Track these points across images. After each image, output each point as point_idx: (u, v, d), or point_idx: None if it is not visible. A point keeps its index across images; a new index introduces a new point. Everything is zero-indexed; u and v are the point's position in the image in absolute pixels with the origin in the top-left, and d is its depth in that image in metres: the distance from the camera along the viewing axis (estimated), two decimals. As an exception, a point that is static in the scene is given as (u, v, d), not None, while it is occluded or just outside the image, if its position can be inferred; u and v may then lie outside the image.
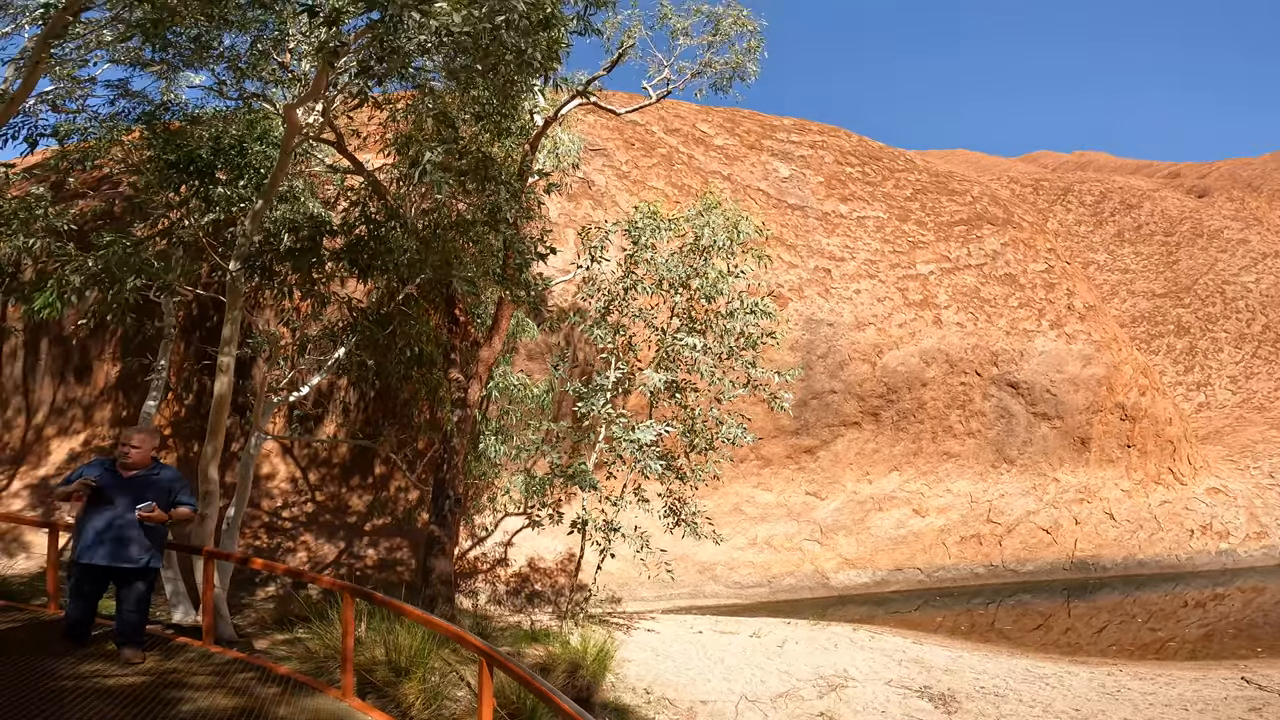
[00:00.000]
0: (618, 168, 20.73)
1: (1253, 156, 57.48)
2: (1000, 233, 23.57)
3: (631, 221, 12.43)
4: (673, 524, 11.86)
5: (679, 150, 22.57)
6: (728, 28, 10.37)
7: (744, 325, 12.02)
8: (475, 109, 7.84)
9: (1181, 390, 27.54)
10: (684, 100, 22.96)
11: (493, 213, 7.96)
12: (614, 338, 12.21)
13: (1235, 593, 16.90)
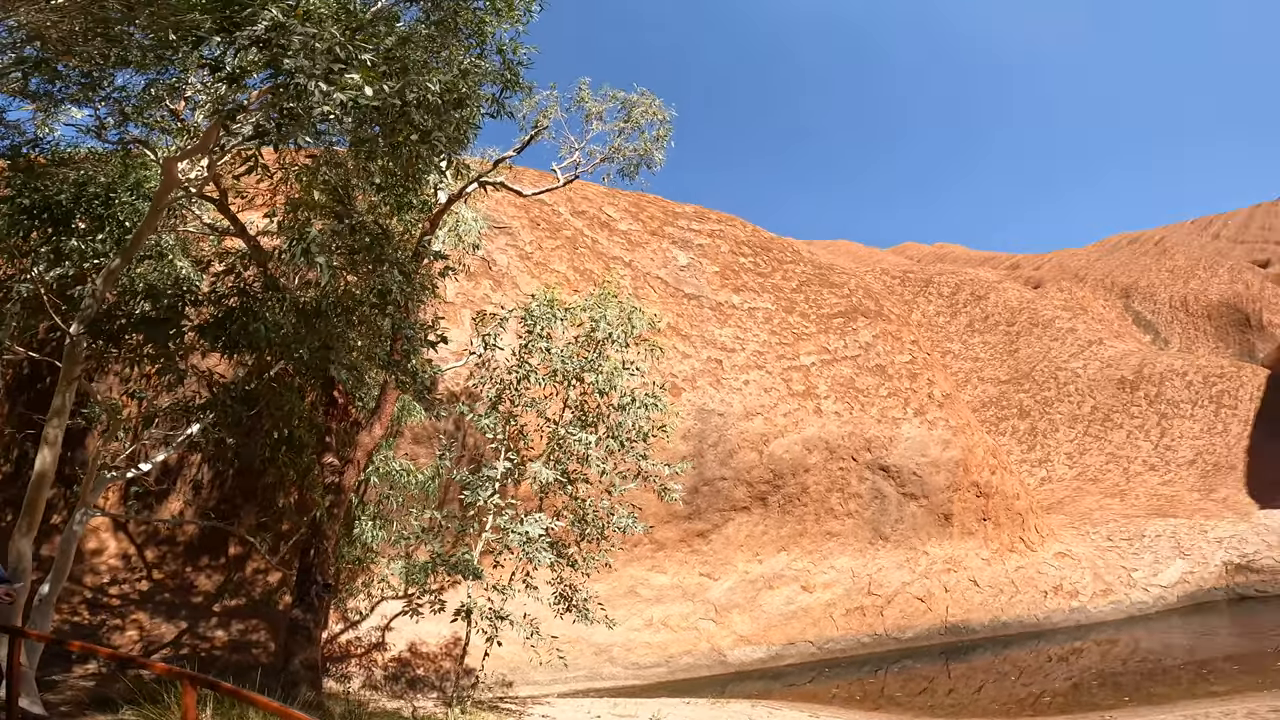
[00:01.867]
0: (521, 248, 21.59)
1: (1078, 247, 67.94)
2: (872, 325, 26.50)
3: (528, 309, 12.66)
4: (564, 609, 11.96)
5: (584, 233, 23.85)
6: (639, 116, 11.13)
7: (635, 419, 12.41)
8: (378, 180, 7.62)
9: (1026, 467, 31.32)
10: (593, 181, 24.40)
11: (382, 294, 7.68)
12: (504, 427, 12.31)
13: (1091, 646, 18.44)
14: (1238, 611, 21.34)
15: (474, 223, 13.54)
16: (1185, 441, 30.76)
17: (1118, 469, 30.41)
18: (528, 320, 12.75)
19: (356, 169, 7.72)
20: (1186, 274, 51.92)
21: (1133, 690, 12.99)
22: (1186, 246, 61.76)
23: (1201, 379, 33.37)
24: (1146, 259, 58.15)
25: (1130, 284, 51.62)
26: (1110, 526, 26.20)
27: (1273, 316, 44.92)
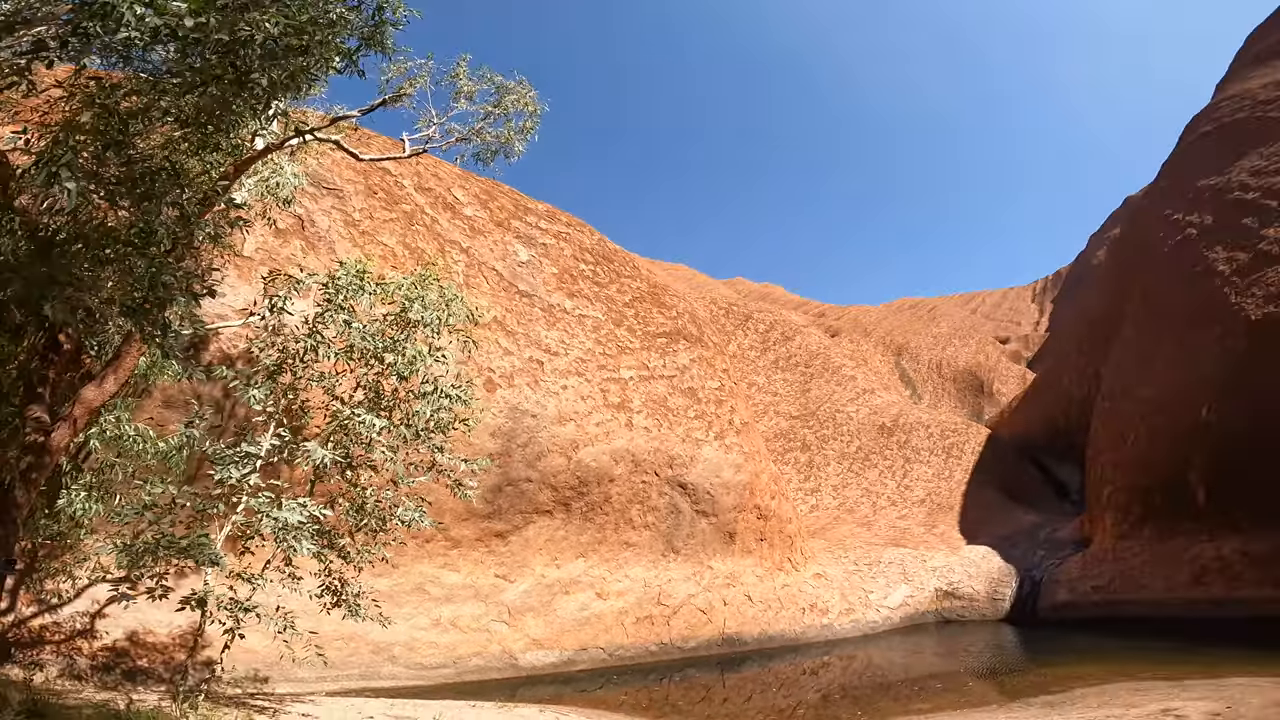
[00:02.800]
0: (349, 214, 19.99)
1: (872, 305, 78.58)
2: (692, 349, 28.39)
3: (334, 276, 11.52)
4: (331, 604, 11.06)
5: (424, 211, 22.64)
6: (510, 103, 10.77)
7: (436, 409, 11.72)
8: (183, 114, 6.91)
9: (801, 495, 35.57)
10: (448, 160, 23.30)
11: (145, 233, 6.87)
12: (281, 400, 11.09)
13: (836, 660, 20.28)
14: (942, 633, 24.45)
15: (293, 177, 12.25)
16: (920, 483, 37.00)
17: (869, 503, 35.68)
18: (330, 288, 11.60)
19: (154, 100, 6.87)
20: (946, 341, 62.51)
21: (865, 704, 14.06)
22: (951, 317, 74.25)
23: (940, 431, 40.43)
24: (919, 324, 69.02)
25: (903, 344, 60.81)
26: (857, 553, 30.40)
27: (1002, 386, 55.60)
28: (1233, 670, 12.05)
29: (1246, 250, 21.56)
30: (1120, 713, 9.71)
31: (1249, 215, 22.73)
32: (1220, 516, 19.00)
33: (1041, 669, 15.74)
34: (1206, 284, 22.50)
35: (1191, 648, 15.56)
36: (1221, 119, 29.28)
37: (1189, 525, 20.16)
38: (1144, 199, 39.42)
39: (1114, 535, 24.04)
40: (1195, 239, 25.13)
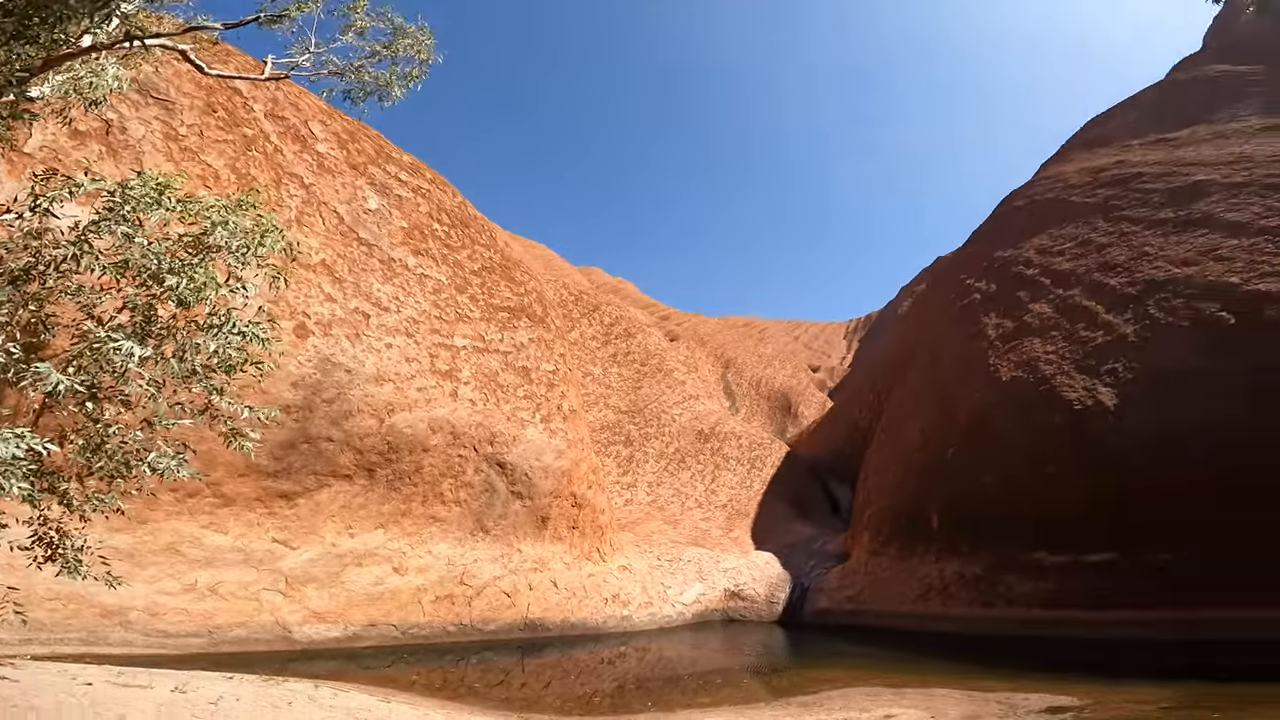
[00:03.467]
0: (174, 127, 17.31)
1: (711, 316, 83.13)
2: (533, 329, 27.95)
3: (125, 185, 10.12)
4: (44, 557, 9.49)
5: (269, 139, 20.07)
6: (404, 47, 9.95)
7: (223, 345, 10.73)
8: None
9: (618, 488, 36.67)
10: (315, 93, 21.00)
11: None
12: (19, 312, 9.30)
13: (632, 652, 20.57)
14: (726, 631, 25.85)
15: (113, 81, 10.29)
16: (725, 489, 39.89)
17: (678, 502, 37.72)
18: (116, 197, 9.82)
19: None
20: (768, 362, 67.98)
21: (656, 696, 14.38)
22: (777, 340, 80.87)
23: (749, 443, 43.90)
24: (750, 342, 74.36)
25: (732, 358, 65.11)
26: (662, 549, 31.84)
27: (806, 409, 61.57)
28: (939, 681, 13.79)
29: (1013, 320, 25.84)
30: (855, 716, 10.95)
31: (1024, 289, 27.16)
32: (947, 542, 22.46)
33: (801, 670, 17.20)
34: (977, 345, 26.67)
35: (913, 658, 17.68)
36: (1033, 196, 33.60)
37: (923, 548, 23.66)
38: (949, 261, 45.58)
39: (868, 551, 27.56)
40: (977, 303, 29.59)
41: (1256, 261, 18.13)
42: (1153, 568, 15.69)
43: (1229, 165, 24.00)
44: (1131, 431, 17.31)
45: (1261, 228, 19.24)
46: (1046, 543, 18.58)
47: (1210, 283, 18.50)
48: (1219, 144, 27.43)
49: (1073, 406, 19.24)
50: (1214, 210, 21.72)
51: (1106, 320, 20.88)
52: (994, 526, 20.64)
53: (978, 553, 20.94)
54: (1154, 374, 17.88)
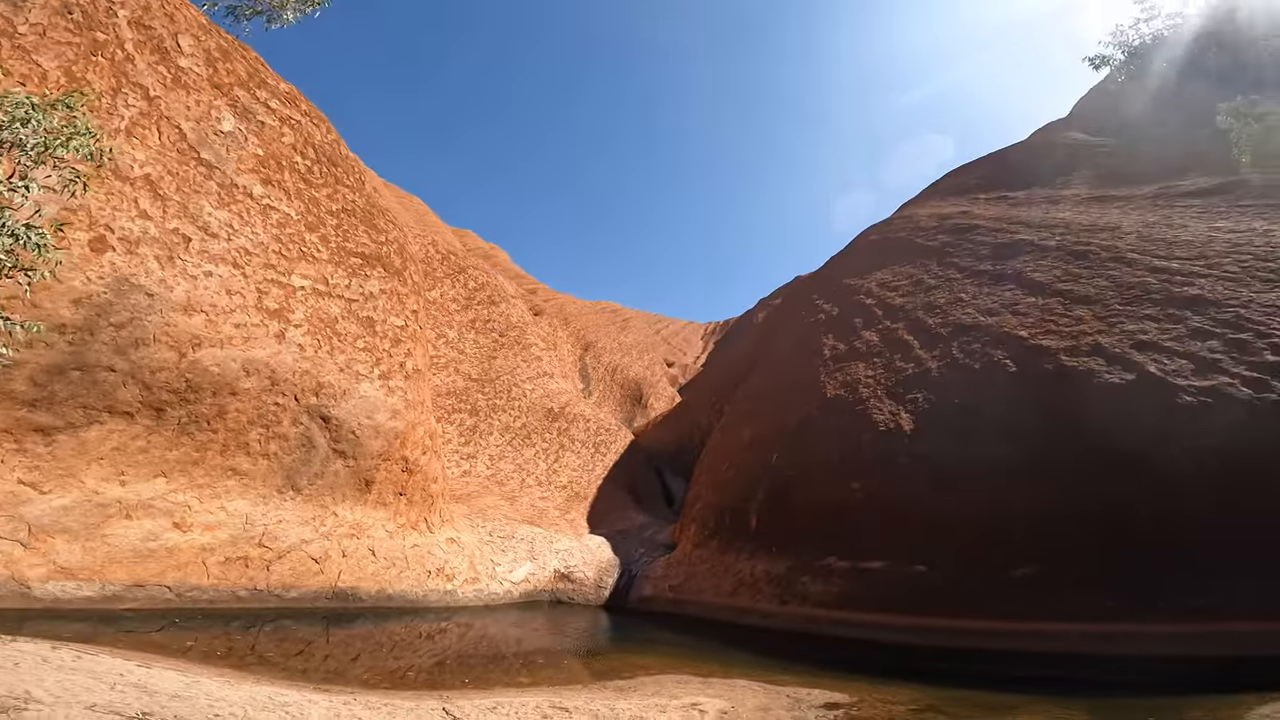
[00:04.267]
0: (13, 25, 15.07)
1: (579, 298, 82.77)
2: (388, 280, 26.04)
3: None
4: None
5: (123, 46, 17.21)
6: None
7: None
8: None
9: (457, 458, 35.45)
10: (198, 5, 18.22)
11: None
12: None
13: (454, 627, 20.05)
14: (553, 612, 25.83)
15: None
16: (567, 470, 40.02)
17: (519, 478, 37.22)
18: None
19: None
20: (627, 350, 69.07)
21: (476, 672, 14.14)
22: (639, 331, 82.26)
23: (596, 428, 44.36)
24: (613, 328, 75.01)
25: (593, 341, 65.38)
26: (496, 524, 31.27)
27: (656, 402, 63.35)
28: (742, 673, 14.61)
29: (846, 343, 28.18)
30: (665, 703, 11.37)
31: (860, 316, 29.65)
32: (761, 541, 24.11)
33: (620, 655, 17.53)
34: (814, 361, 28.80)
35: (721, 649, 18.60)
36: (886, 232, 36.58)
37: (740, 544, 25.24)
38: (805, 281, 48.83)
39: (693, 543, 28.94)
40: (821, 323, 31.94)
41: (1045, 319, 21.05)
42: (911, 577, 17.82)
43: (1048, 229, 27.66)
44: (919, 456, 19.55)
45: (1056, 290, 22.37)
46: (837, 549, 20.42)
47: (1004, 333, 21.29)
48: (1047, 207, 31.61)
49: (878, 428, 21.35)
50: (1024, 269, 24.94)
51: (918, 354, 23.39)
52: (800, 530, 22.33)
53: (784, 553, 22.56)
54: (945, 407, 20.30)
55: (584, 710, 10.52)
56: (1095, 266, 22.62)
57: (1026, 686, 12.31)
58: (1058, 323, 20.46)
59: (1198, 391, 15.24)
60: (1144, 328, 18.13)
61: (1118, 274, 21.45)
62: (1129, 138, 37.14)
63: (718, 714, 10.67)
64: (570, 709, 10.57)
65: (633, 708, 10.87)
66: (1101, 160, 36.79)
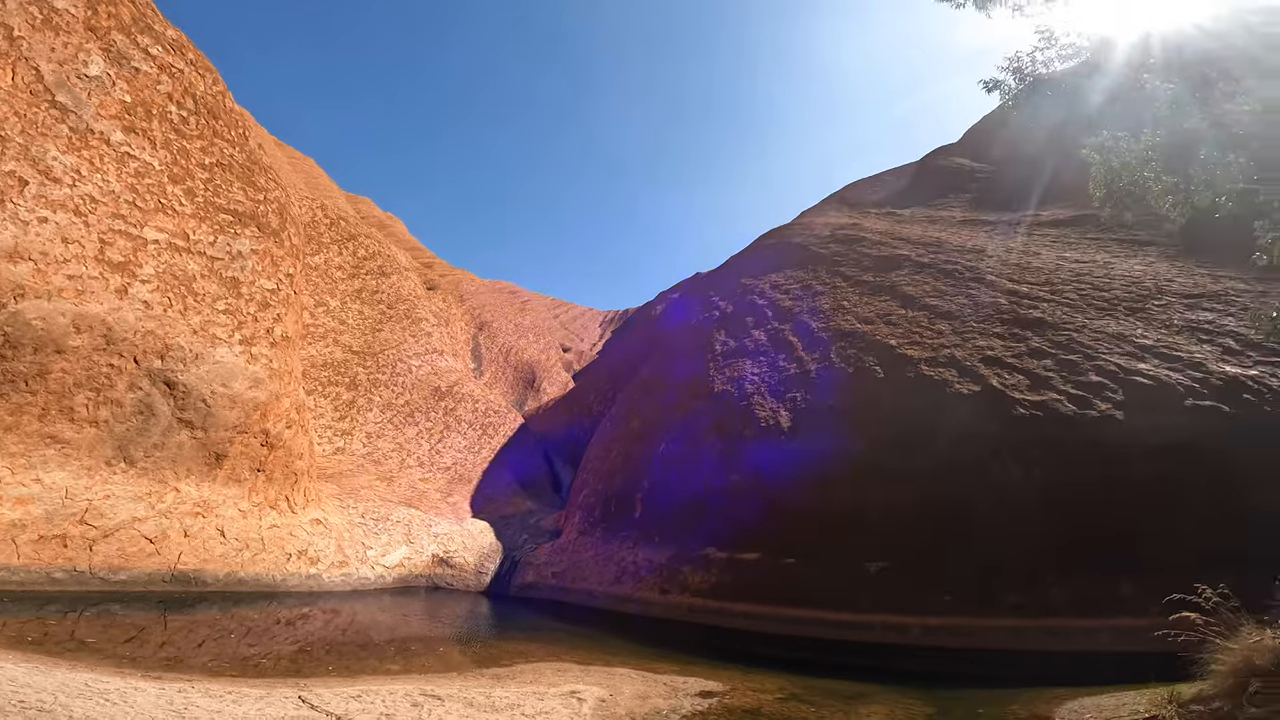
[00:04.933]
0: None
1: (480, 277, 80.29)
2: (262, 241, 23.93)
3: None
4: None
5: None
6: None
7: None
8: None
9: (330, 434, 33.46)
10: None
11: None
12: None
13: (319, 613, 18.96)
14: (431, 598, 25.10)
15: None
16: (452, 451, 38.81)
17: (398, 458, 35.67)
18: None
19: None
20: (524, 333, 67.85)
21: (344, 660, 13.56)
22: (538, 314, 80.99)
23: (485, 409, 43.31)
24: (511, 309, 73.39)
25: (489, 321, 63.71)
26: (369, 505, 29.78)
27: (549, 387, 62.76)
28: (621, 661, 14.83)
29: (736, 340, 29.08)
30: (543, 690, 11.31)
31: (752, 315, 30.66)
32: (645, 531, 24.61)
33: (500, 642, 17.27)
34: (705, 355, 29.54)
35: (602, 637, 18.80)
36: (785, 236, 38.08)
37: (625, 533, 25.62)
38: (705, 278, 49.87)
39: (578, 530, 29.01)
40: (715, 319, 32.77)
41: (913, 331, 22.68)
42: (783, 569, 18.79)
43: (924, 246, 29.77)
44: (792, 451, 20.59)
45: (925, 305, 24.15)
46: (717, 540, 21.15)
47: (876, 341, 22.78)
48: (926, 226, 33.95)
49: (759, 424, 22.26)
50: (899, 282, 26.73)
51: (800, 356, 24.58)
52: (683, 520, 22.91)
53: (666, 543, 23.07)
54: (820, 407, 21.49)
55: (458, 698, 10.26)
56: (959, 285, 24.68)
57: (879, 676, 13.22)
58: (922, 334, 22.16)
59: (1031, 405, 17.00)
60: (992, 344, 19.99)
61: (977, 293, 23.52)
62: (1005, 166, 40.81)
63: (596, 702, 10.71)
64: (443, 697, 10.27)
65: (510, 695, 10.74)
66: (979, 185, 40.19)
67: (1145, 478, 14.74)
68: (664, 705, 10.76)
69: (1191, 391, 15.66)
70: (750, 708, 10.93)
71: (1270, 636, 7.23)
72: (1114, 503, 14.80)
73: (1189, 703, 7.71)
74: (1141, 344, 17.93)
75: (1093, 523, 14.82)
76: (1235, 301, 19.21)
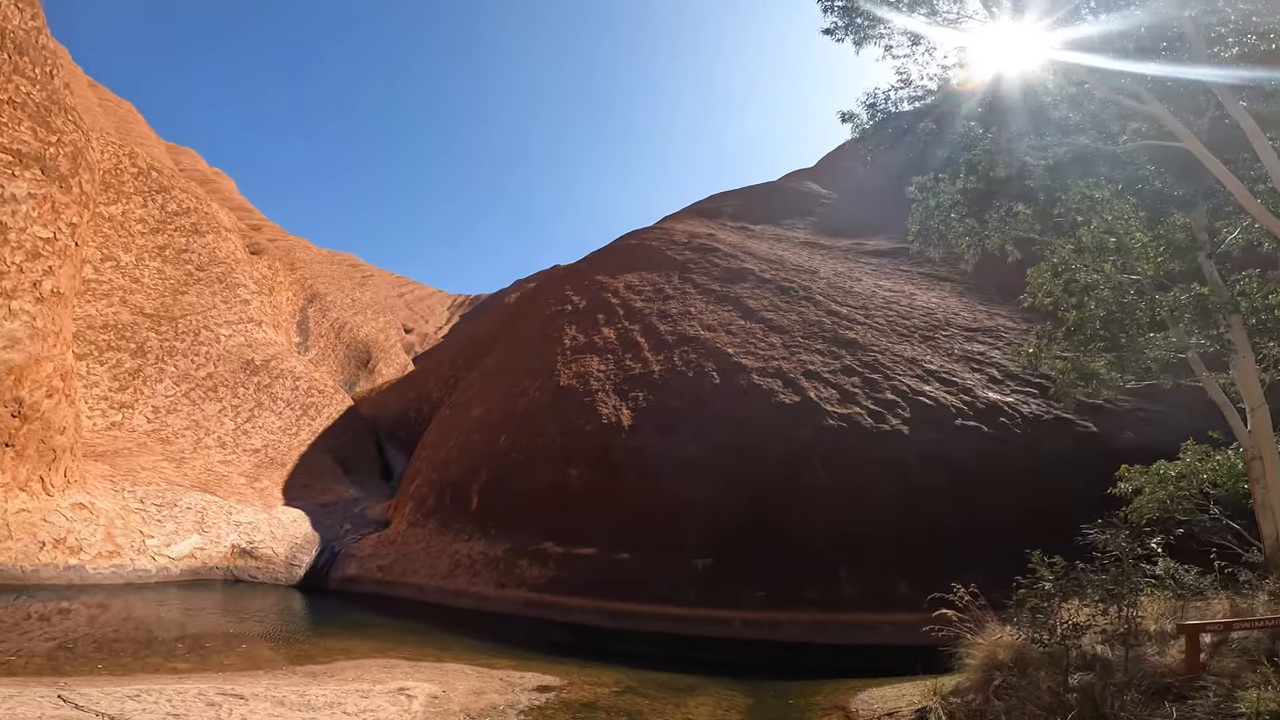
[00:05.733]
0: None
1: (319, 246, 73.70)
2: (44, 185, 20.34)
3: None
4: None
5: None
6: None
7: None
8: None
9: (104, 405, 29.10)
10: None
11: None
12: None
13: (84, 608, 17.14)
14: (231, 592, 23.04)
15: None
16: (263, 432, 35.36)
17: (192, 436, 31.83)
18: None
19: None
20: (362, 309, 63.44)
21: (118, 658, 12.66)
22: (380, 290, 76.17)
23: (307, 387, 39.98)
24: (350, 283, 68.26)
25: (322, 293, 58.85)
26: (151, 489, 26.40)
27: (386, 368, 59.34)
28: (455, 657, 14.50)
29: (586, 336, 29.50)
30: (368, 687, 10.73)
31: (604, 313, 31.22)
32: (481, 523, 24.25)
33: (317, 639, 16.35)
34: (553, 349, 29.63)
35: (435, 632, 18.29)
36: (645, 239, 39.25)
37: (460, 526, 25.05)
38: (563, 270, 49.87)
39: (408, 521, 27.85)
40: (568, 313, 32.96)
41: (749, 341, 24.44)
42: (618, 564, 19.50)
43: (768, 262, 32.04)
44: (632, 450, 21.43)
45: (762, 318, 26.10)
46: (554, 534, 21.42)
47: (717, 348, 24.31)
48: (772, 244, 36.47)
49: (601, 420, 22.84)
50: (743, 294, 28.62)
51: (646, 356, 25.54)
52: (521, 514, 22.91)
53: (504, 536, 22.95)
54: (658, 407, 22.54)
55: (265, 696, 9.48)
56: (793, 302, 27.03)
57: (706, 669, 14.03)
58: (757, 345, 24.00)
59: (839, 417, 19.12)
60: (813, 359, 22.18)
61: (806, 311, 25.93)
62: (848, 194, 45.25)
63: (428, 698, 10.37)
64: (247, 695, 9.44)
65: (328, 694, 10.10)
66: (824, 210, 44.18)
67: (920, 485, 17.20)
68: (500, 701, 10.70)
69: (961, 412, 18.52)
70: (588, 701, 11.18)
71: (1009, 633, 7.93)
72: (895, 506, 17.10)
73: (949, 694, 8.56)
74: (928, 368, 20.85)
75: (878, 524, 17.01)
76: (1004, 336, 22.95)
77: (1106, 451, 15.43)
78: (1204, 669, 6.50)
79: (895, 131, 11.35)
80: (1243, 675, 6.19)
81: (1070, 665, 7.15)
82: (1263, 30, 8.66)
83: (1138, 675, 6.80)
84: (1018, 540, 9.33)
